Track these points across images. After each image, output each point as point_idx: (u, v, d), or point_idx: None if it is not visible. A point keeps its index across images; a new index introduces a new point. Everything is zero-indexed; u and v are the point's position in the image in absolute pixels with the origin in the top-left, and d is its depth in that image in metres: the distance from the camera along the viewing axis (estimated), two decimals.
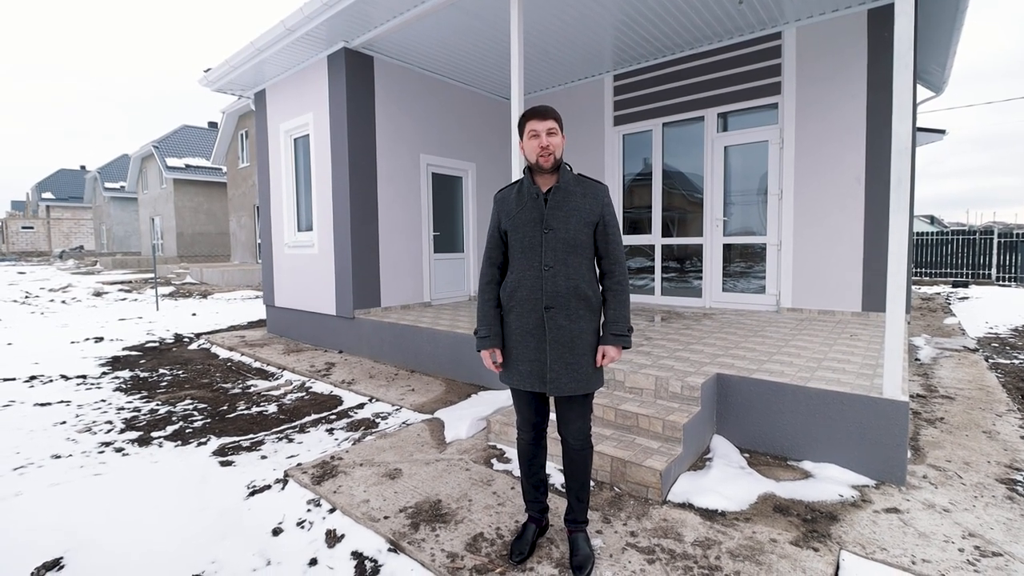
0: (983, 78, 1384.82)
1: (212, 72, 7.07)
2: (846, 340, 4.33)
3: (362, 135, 6.19)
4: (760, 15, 5.47)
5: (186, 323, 8.96)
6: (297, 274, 7.19)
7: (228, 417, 4.16)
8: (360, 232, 6.19)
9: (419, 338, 5.43)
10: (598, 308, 2.09)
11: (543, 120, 2.01)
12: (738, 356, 3.85)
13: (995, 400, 4.16)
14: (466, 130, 7.64)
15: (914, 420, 3.72)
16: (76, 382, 5.21)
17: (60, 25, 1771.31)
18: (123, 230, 32.98)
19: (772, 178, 5.95)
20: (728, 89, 6.16)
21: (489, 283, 2.17)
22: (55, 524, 2.54)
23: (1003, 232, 14.56)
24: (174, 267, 20.72)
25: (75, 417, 4.16)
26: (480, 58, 6.57)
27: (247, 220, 19.43)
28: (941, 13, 5.43)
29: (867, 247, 5.32)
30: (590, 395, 2.12)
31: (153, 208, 26.29)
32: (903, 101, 2.72)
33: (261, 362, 6.09)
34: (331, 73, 6.21)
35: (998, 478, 2.85)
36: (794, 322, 5.30)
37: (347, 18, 5.34)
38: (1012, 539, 2.29)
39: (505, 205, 2.13)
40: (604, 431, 3.18)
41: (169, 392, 4.88)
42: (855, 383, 3.09)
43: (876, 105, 5.15)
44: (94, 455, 3.40)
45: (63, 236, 40.37)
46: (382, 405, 4.42)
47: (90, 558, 2.27)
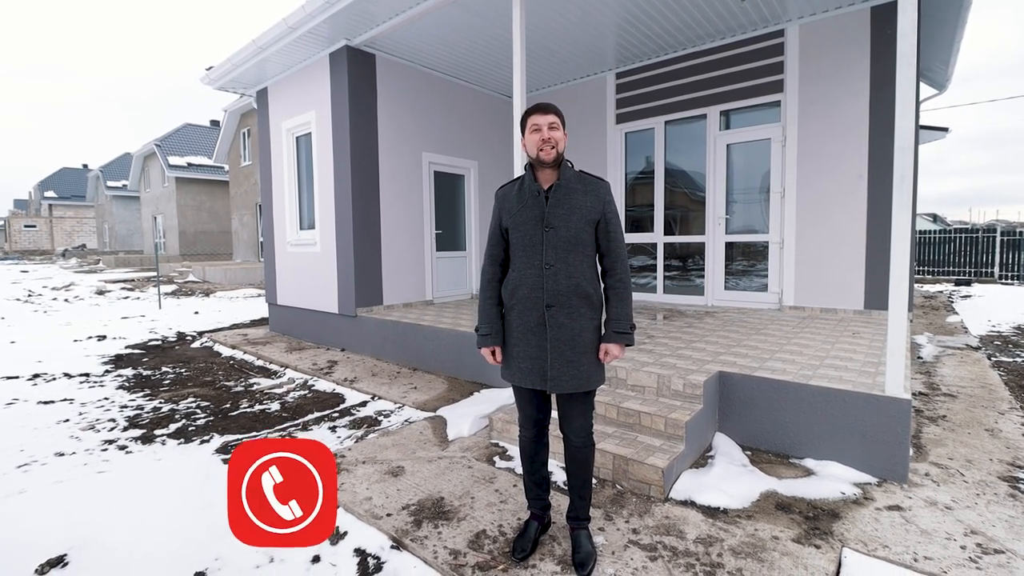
0: (987, 76, 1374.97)
1: (214, 70, 7.07)
2: (848, 338, 4.32)
3: (364, 133, 6.19)
4: (763, 12, 5.46)
5: (189, 321, 8.98)
6: (299, 272, 7.20)
7: (231, 415, 4.18)
8: (362, 230, 6.19)
9: (421, 336, 5.44)
10: (599, 306, 2.09)
11: (545, 115, 2.01)
12: (740, 354, 3.85)
13: (997, 398, 4.15)
14: (468, 128, 7.63)
15: (916, 418, 3.72)
16: (79, 380, 5.23)
17: (60, 23, 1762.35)
18: (125, 229, 33.04)
19: (774, 176, 5.94)
20: (730, 87, 6.15)
21: (491, 281, 2.17)
22: (59, 521, 2.55)
23: (1006, 230, 14.51)
24: (176, 265, 20.76)
25: (78, 415, 4.17)
26: (482, 56, 6.57)
27: (249, 218, 19.45)
28: (944, 10, 5.41)
29: (869, 245, 5.30)
30: (592, 392, 2.12)
31: (155, 207, 26.33)
32: (906, 98, 2.71)
33: (264, 360, 6.10)
34: (333, 71, 6.21)
35: (1000, 476, 2.85)
36: (796, 320, 5.30)
37: (349, 16, 5.34)
38: (1014, 536, 2.29)
39: (506, 202, 2.13)
40: (606, 429, 3.19)
41: (172, 390, 4.90)
42: (857, 381, 3.09)
43: (879, 103, 5.13)
44: (97, 453, 3.41)
45: (65, 235, 40.46)
46: (384, 403, 4.43)
47: (94, 555, 2.29)
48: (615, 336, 2.03)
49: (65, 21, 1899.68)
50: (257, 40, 6.10)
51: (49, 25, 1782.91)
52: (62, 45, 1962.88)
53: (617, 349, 2.06)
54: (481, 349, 2.17)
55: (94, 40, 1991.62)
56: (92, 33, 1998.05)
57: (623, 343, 2.05)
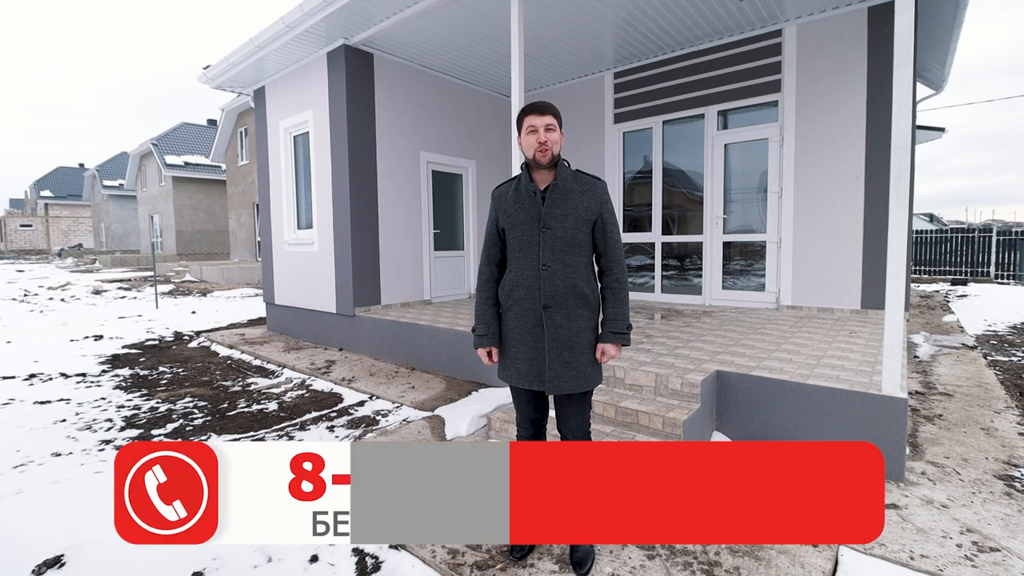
0: (983, 76, 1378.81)
1: (211, 69, 7.06)
2: (845, 337, 4.34)
3: (362, 132, 6.19)
4: (761, 12, 5.47)
5: (186, 321, 8.96)
6: (297, 272, 7.19)
7: (228, 415, 4.17)
8: (360, 230, 6.18)
9: (419, 336, 5.43)
10: (596, 306, 2.09)
11: (541, 115, 1.99)
12: (738, 353, 3.86)
13: (993, 397, 4.17)
14: (466, 127, 7.63)
15: (913, 417, 3.74)
16: (76, 380, 5.21)
17: (55, 22, 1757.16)
18: (122, 228, 32.92)
19: (772, 176, 5.95)
20: (728, 87, 6.16)
21: (487, 281, 2.17)
22: (56, 522, 2.54)
23: (1002, 230, 14.56)
24: (173, 265, 20.69)
25: (75, 415, 4.16)
26: (480, 55, 6.56)
27: (246, 218, 19.41)
28: (941, 11, 5.43)
29: (866, 245, 5.32)
30: (589, 392, 2.12)
31: (152, 206, 26.26)
32: (903, 97, 2.72)
33: (261, 360, 6.09)
34: (331, 70, 6.21)
35: (996, 474, 2.86)
36: (793, 319, 5.31)
37: (347, 15, 5.33)
38: (1010, 534, 2.30)
39: (503, 202, 2.12)
40: (604, 428, 3.19)
41: (169, 390, 4.89)
42: (854, 380, 3.10)
43: (876, 103, 5.15)
44: (94, 453, 3.40)
45: (62, 234, 40.31)
46: (382, 403, 4.43)
47: (91, 555, 2.28)
48: (612, 336, 2.03)
49: (59, 17, 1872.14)
50: (255, 39, 6.08)
51: (43, 22, 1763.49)
52: (57, 43, 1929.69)
53: (614, 349, 2.05)
54: (478, 350, 2.17)
55: (90, 38, 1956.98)
56: (88, 31, 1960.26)
57: (619, 343, 2.04)
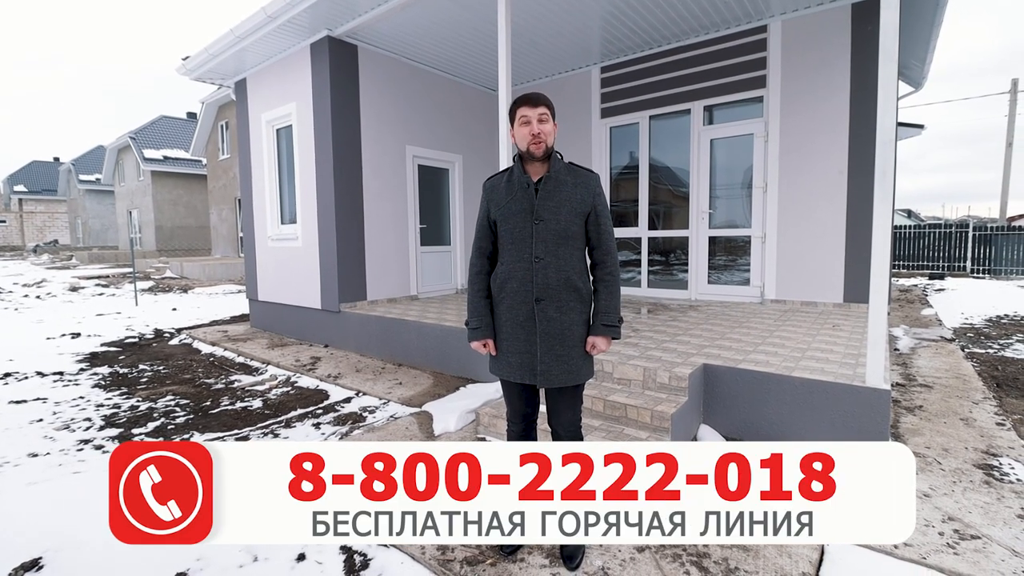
0: (961, 75, 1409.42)
1: (191, 60, 6.89)
2: (829, 330, 4.40)
3: (347, 126, 6.10)
4: (746, 8, 5.50)
5: (166, 318, 8.78)
6: (281, 267, 7.08)
7: (211, 413, 4.10)
8: (345, 225, 6.10)
9: (406, 331, 5.39)
10: (588, 299, 2.08)
11: (534, 107, 1.97)
12: (724, 347, 3.89)
13: (971, 388, 4.27)
14: (453, 121, 7.56)
15: (894, 408, 3.80)
16: (53, 379, 5.08)
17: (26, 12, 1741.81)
18: (99, 223, 32.17)
19: (757, 171, 6.00)
20: (714, 82, 6.19)
21: (479, 273, 2.14)
22: (33, 524, 2.47)
23: (978, 226, 14.90)
24: (153, 261, 20.27)
25: (52, 415, 4.05)
26: (467, 48, 6.50)
27: (228, 213, 19.08)
28: (922, 9, 5.50)
29: (849, 239, 5.40)
30: (580, 386, 2.11)
31: (130, 201, 25.66)
32: (888, 93, 2.75)
33: (245, 357, 5.99)
34: (314, 62, 6.10)
35: (975, 463, 2.93)
36: (778, 313, 5.37)
37: (330, 5, 5.24)
38: (989, 522, 2.35)
39: (495, 194, 2.10)
40: (593, 422, 3.19)
41: (150, 388, 4.78)
42: (838, 372, 3.15)
43: (859, 99, 5.22)
44: (73, 453, 3.32)
45: (37, 230, 39.26)
46: (369, 399, 4.39)
47: (70, 558, 2.22)
48: (603, 329, 2.03)
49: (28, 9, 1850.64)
50: (235, 29, 5.95)
51: (10, 13, 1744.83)
52: (31, 33, 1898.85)
53: (604, 342, 2.05)
54: (472, 343, 2.14)
55: (62, 28, 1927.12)
56: (59, 21, 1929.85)
57: (610, 336, 2.04)
